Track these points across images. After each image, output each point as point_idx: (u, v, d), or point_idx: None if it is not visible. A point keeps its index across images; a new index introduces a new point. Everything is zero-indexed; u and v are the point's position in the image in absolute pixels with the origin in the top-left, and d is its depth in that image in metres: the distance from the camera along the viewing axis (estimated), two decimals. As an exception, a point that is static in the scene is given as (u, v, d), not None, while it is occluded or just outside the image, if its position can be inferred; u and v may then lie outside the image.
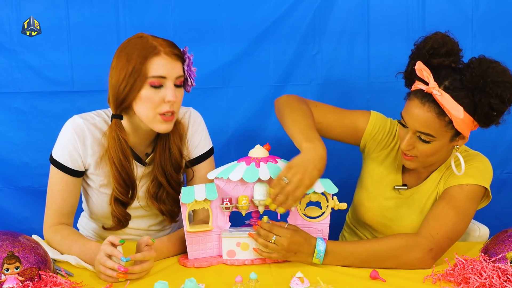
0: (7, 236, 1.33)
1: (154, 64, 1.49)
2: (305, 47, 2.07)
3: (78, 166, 1.59)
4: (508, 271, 1.32)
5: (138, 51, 1.49)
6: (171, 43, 1.55)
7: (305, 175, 1.41)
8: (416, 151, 1.51)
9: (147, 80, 1.49)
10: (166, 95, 1.50)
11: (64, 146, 1.57)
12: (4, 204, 2.10)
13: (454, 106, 1.41)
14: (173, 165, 1.64)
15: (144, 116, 1.53)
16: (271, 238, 1.45)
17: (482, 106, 1.41)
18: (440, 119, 1.44)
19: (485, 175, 1.54)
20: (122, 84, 1.50)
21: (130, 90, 1.50)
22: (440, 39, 1.46)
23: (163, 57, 1.50)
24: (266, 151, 1.56)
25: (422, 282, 1.38)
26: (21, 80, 2.03)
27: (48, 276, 1.32)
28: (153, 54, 1.49)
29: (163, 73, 1.49)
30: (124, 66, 1.50)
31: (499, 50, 2.07)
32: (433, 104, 1.43)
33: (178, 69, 1.53)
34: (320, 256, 1.45)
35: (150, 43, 1.51)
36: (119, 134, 1.56)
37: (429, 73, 1.44)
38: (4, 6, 1.99)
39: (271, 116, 2.10)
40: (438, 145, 1.48)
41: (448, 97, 1.41)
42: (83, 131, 1.57)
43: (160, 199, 1.65)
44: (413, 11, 2.05)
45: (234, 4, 2.03)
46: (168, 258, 1.54)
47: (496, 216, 2.13)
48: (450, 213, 1.48)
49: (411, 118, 1.47)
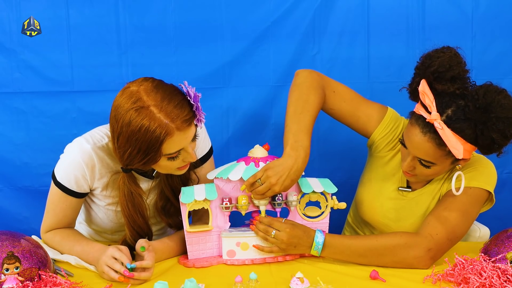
0: (7, 236, 1.33)
1: (169, 144, 1.39)
2: (305, 47, 2.06)
3: (84, 190, 1.54)
4: (508, 271, 1.31)
5: (149, 133, 1.35)
6: (180, 105, 1.39)
7: (278, 181, 1.44)
8: (416, 171, 1.50)
9: (164, 156, 1.42)
10: (185, 158, 1.45)
11: (70, 173, 1.50)
12: (4, 204, 2.10)
13: (454, 143, 1.38)
14: (181, 178, 1.59)
15: (161, 171, 1.49)
16: (271, 233, 1.46)
17: (484, 139, 1.39)
18: (440, 149, 1.42)
19: (489, 179, 1.53)
20: (135, 158, 1.40)
21: (145, 163, 1.41)
22: (446, 61, 1.39)
23: (177, 134, 1.38)
24: (266, 151, 1.56)
25: (422, 282, 1.38)
26: (21, 80, 2.03)
27: (48, 276, 1.32)
28: (167, 136, 1.37)
29: (179, 148, 1.41)
30: (135, 143, 1.37)
31: (499, 50, 2.07)
32: (434, 135, 1.40)
33: (192, 131, 1.43)
34: (318, 248, 1.46)
35: (159, 122, 1.36)
36: (132, 191, 1.50)
37: (431, 100, 1.40)
38: (4, 6, 1.99)
39: (271, 116, 2.10)
40: (439, 169, 1.48)
41: (449, 132, 1.38)
42: (92, 159, 1.50)
43: (168, 213, 1.62)
44: (413, 11, 2.05)
45: (234, 4, 2.03)
46: (168, 258, 1.54)
47: (496, 216, 2.12)
48: (452, 214, 1.48)
49: (411, 145, 1.46)
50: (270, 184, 1.44)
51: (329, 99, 1.62)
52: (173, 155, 1.42)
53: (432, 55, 1.43)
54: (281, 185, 1.45)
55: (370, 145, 1.70)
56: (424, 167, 1.47)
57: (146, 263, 1.38)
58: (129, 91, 1.40)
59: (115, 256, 1.38)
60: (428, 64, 1.42)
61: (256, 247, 1.49)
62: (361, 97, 1.67)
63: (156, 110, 1.36)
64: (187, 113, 1.40)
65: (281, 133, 2.10)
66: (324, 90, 1.61)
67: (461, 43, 2.07)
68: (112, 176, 1.54)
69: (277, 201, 1.52)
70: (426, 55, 1.45)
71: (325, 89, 1.61)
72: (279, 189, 1.45)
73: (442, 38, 2.06)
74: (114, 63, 2.02)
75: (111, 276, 1.36)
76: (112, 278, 1.36)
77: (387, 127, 1.64)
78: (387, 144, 1.65)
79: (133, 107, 1.37)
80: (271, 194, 1.48)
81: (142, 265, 1.38)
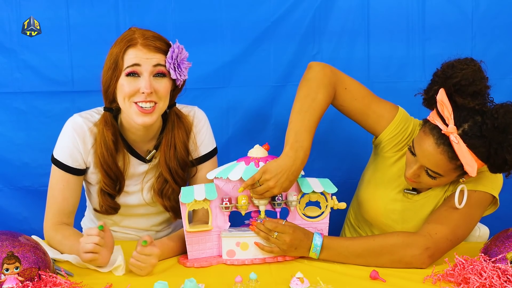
0: (7, 236, 1.33)
1: (129, 55, 1.51)
2: (305, 47, 2.06)
3: (79, 165, 1.60)
4: (508, 271, 1.31)
5: (119, 43, 1.53)
6: (154, 36, 1.55)
7: (277, 183, 1.45)
8: (420, 179, 1.49)
9: (124, 71, 1.51)
10: (140, 85, 1.51)
11: (64, 145, 1.58)
12: (4, 204, 2.10)
13: (469, 160, 1.36)
14: (179, 161, 1.63)
15: (121, 106, 1.55)
16: (273, 234, 1.47)
17: (497, 158, 1.36)
18: (451, 163, 1.40)
19: (494, 183, 1.52)
20: (106, 74, 1.53)
21: (111, 79, 1.53)
22: (470, 75, 1.36)
23: (138, 48, 1.51)
24: (265, 151, 1.56)
25: (422, 282, 1.38)
26: (21, 80, 2.03)
27: (48, 276, 1.32)
28: (130, 45, 1.51)
29: (136, 61, 1.50)
30: (108, 57, 1.54)
31: (499, 50, 2.07)
32: (448, 148, 1.38)
33: (156, 59, 1.53)
34: (316, 250, 1.47)
35: (131, 35, 1.53)
36: (103, 128, 1.58)
37: (450, 113, 1.37)
38: (4, 6, 1.99)
39: (271, 116, 2.10)
40: (444, 181, 1.47)
41: (465, 148, 1.35)
42: (83, 129, 1.58)
43: (166, 195, 1.65)
44: (413, 11, 2.05)
45: (234, 4, 2.03)
46: (168, 258, 1.54)
47: (496, 216, 2.12)
48: (453, 215, 1.47)
49: (422, 154, 1.43)
50: (268, 187, 1.45)
51: (340, 96, 1.59)
52: (129, 69, 1.50)
53: (455, 66, 1.39)
54: (280, 187, 1.46)
55: (377, 144, 1.66)
56: (429, 177, 1.46)
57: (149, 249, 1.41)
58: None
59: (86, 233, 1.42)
60: (450, 75, 1.38)
61: (257, 244, 1.50)
62: (373, 95, 1.64)
63: (138, 31, 1.54)
64: (159, 44, 1.54)
65: (281, 133, 2.10)
66: (335, 87, 1.58)
67: (461, 43, 2.09)
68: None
69: (277, 201, 1.53)
70: (448, 64, 1.41)
71: (336, 86, 1.58)
72: (277, 191, 1.46)
73: (442, 38, 2.07)
74: (114, 63, 2.02)
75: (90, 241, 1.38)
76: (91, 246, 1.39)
77: (397, 128, 1.60)
78: (395, 145, 1.62)
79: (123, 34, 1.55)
80: (270, 195, 1.49)
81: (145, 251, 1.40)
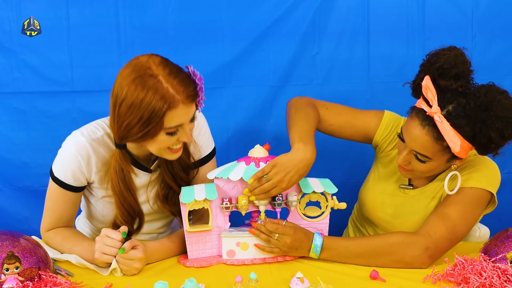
0: (7, 236, 1.33)
1: (171, 117, 1.39)
2: (305, 47, 2.06)
3: (81, 183, 1.55)
4: (508, 271, 1.32)
5: (154, 101, 1.36)
6: (186, 81, 1.42)
7: (285, 178, 1.44)
8: (412, 167, 1.51)
9: (164, 130, 1.41)
10: (181, 137, 1.46)
11: (67, 167, 1.52)
12: (4, 204, 2.10)
13: (452, 137, 1.40)
14: (181, 165, 1.60)
15: (152, 149, 1.48)
16: (274, 235, 1.46)
17: (482, 137, 1.40)
18: (437, 143, 1.44)
19: (492, 180, 1.53)
20: (134, 128, 1.40)
21: (143, 136, 1.41)
22: (452, 59, 1.42)
23: (180, 107, 1.39)
24: (266, 151, 1.56)
25: (422, 282, 1.38)
26: (21, 80, 2.03)
27: (48, 276, 1.32)
28: (171, 107, 1.38)
29: (180, 122, 1.42)
30: (138, 111, 1.37)
31: (499, 50, 2.07)
32: (433, 128, 1.42)
33: (193, 109, 1.45)
34: (316, 251, 1.47)
35: (166, 92, 1.37)
36: (123, 168, 1.51)
37: (434, 95, 1.42)
38: (4, 6, 1.99)
39: (271, 116, 2.10)
40: (434, 165, 1.49)
41: (448, 126, 1.40)
42: (87, 151, 1.51)
43: (171, 201, 1.63)
44: (413, 11, 2.05)
45: (234, 4, 2.03)
46: (168, 258, 1.54)
47: (496, 216, 2.12)
48: (452, 214, 1.48)
49: (409, 137, 1.47)
50: (277, 181, 1.44)
51: (325, 116, 1.67)
52: (172, 130, 1.42)
53: (438, 53, 1.45)
54: (288, 182, 1.45)
55: (375, 147, 1.72)
56: (419, 162, 1.48)
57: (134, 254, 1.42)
58: (137, 61, 1.42)
59: (108, 234, 1.43)
60: (433, 61, 1.44)
61: (258, 246, 1.49)
62: (355, 109, 1.72)
63: (164, 80, 1.37)
64: (192, 89, 1.42)
65: (281, 133, 2.11)
66: (317, 109, 1.66)
67: (461, 43, 2.06)
68: (108, 169, 1.55)
69: (277, 201, 1.52)
70: (432, 53, 1.47)
71: (318, 108, 1.67)
72: (285, 186, 1.45)
73: (442, 38, 2.06)
74: (114, 63, 2.01)
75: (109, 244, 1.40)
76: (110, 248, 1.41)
77: (387, 127, 1.67)
78: (389, 143, 1.67)
79: (140, 75, 1.38)
80: (276, 193, 1.47)
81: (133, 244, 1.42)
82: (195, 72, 1.45)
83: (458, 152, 1.43)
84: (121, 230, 1.45)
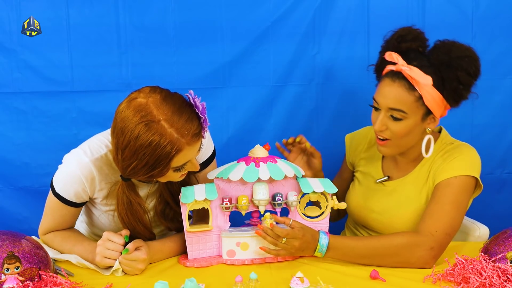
0: (7, 236, 1.33)
1: (179, 158, 1.37)
2: (305, 47, 2.06)
3: (83, 200, 1.53)
4: (508, 271, 1.32)
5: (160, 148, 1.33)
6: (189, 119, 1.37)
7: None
8: (389, 133, 1.55)
9: (171, 169, 1.40)
10: (188, 168, 1.44)
11: (69, 186, 1.49)
12: (4, 204, 2.10)
13: (422, 76, 1.47)
14: (180, 183, 1.56)
15: (161, 180, 1.47)
16: (282, 240, 1.45)
17: (450, 81, 1.48)
18: (410, 94, 1.49)
19: (473, 165, 1.55)
20: (140, 171, 1.37)
21: (149, 176, 1.39)
22: (406, 28, 1.56)
23: (187, 149, 1.37)
24: (266, 151, 1.56)
25: (422, 282, 1.38)
26: (21, 80, 2.03)
27: (48, 276, 1.32)
28: (178, 152, 1.35)
29: (187, 160, 1.40)
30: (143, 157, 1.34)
31: (499, 50, 2.07)
32: (403, 81, 1.50)
33: (199, 143, 1.42)
34: (322, 251, 1.47)
35: (171, 137, 1.33)
36: (131, 200, 1.47)
37: (398, 56, 1.52)
38: (4, 6, 1.99)
39: (271, 116, 2.10)
40: (410, 124, 1.52)
41: (416, 69, 1.48)
42: (91, 172, 1.47)
43: (168, 217, 1.60)
44: (413, 11, 2.05)
45: (234, 4, 2.02)
46: (168, 258, 1.54)
47: (496, 216, 2.12)
48: (445, 208, 1.49)
49: (382, 96, 1.53)
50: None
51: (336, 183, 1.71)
52: (179, 167, 1.41)
53: (392, 32, 1.59)
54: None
55: (352, 168, 1.84)
56: (396, 123, 1.52)
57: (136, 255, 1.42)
58: (136, 103, 1.35)
59: (110, 238, 1.43)
60: (390, 37, 1.58)
61: (263, 249, 1.48)
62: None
63: (167, 125, 1.33)
64: (196, 127, 1.37)
65: (281, 133, 2.11)
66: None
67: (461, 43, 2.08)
68: (112, 187, 1.53)
69: (277, 201, 1.52)
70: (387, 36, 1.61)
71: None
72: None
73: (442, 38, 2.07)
74: (114, 63, 2.02)
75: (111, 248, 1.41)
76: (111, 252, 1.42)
77: (351, 148, 1.82)
78: (359, 152, 1.79)
79: (142, 121, 1.32)
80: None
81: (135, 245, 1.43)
82: (196, 103, 1.40)
83: (431, 102, 1.49)
84: (123, 233, 1.44)
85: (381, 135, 1.56)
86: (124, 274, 1.44)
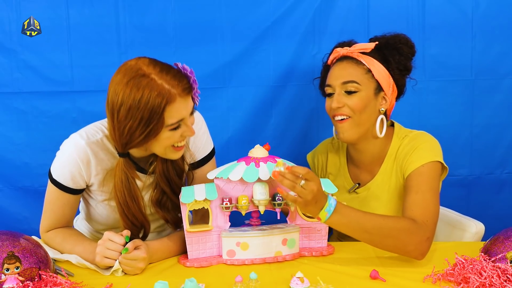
0: (7, 236, 1.33)
1: (170, 112, 1.40)
2: (305, 47, 2.07)
3: (80, 186, 1.55)
4: (508, 271, 1.32)
5: (152, 99, 1.37)
6: (178, 75, 1.43)
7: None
8: (347, 109, 1.62)
9: (166, 127, 1.42)
10: (184, 132, 1.46)
11: (66, 170, 1.52)
12: (4, 204, 2.10)
13: (365, 44, 1.65)
14: (176, 171, 1.59)
15: (157, 150, 1.48)
16: (300, 182, 1.36)
17: (392, 55, 1.64)
18: (359, 66, 1.63)
19: (434, 151, 1.60)
20: (136, 131, 1.40)
21: (146, 137, 1.42)
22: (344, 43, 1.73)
23: (178, 101, 1.41)
24: (266, 151, 1.56)
25: (422, 282, 1.38)
26: (21, 80, 2.03)
27: (48, 276, 1.32)
28: (169, 102, 1.39)
29: (181, 117, 1.43)
30: (137, 112, 1.38)
31: (499, 50, 2.07)
32: (350, 59, 1.64)
33: (191, 102, 1.46)
34: (329, 210, 1.39)
35: (161, 88, 1.38)
36: (128, 176, 1.49)
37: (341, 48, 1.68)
38: (4, 6, 1.99)
39: (271, 116, 2.11)
40: (364, 97, 1.61)
41: (358, 44, 1.66)
42: (87, 154, 1.51)
43: (164, 206, 1.61)
44: (413, 11, 2.06)
45: (234, 4, 2.03)
46: (168, 258, 1.54)
47: (496, 216, 2.13)
48: (426, 196, 1.52)
49: (334, 77, 1.65)
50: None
51: None
52: (174, 125, 1.43)
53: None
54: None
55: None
56: (351, 98, 1.61)
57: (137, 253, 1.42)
58: (126, 65, 1.44)
59: (110, 238, 1.43)
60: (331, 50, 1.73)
61: (281, 192, 1.38)
62: None
63: (157, 77, 1.39)
64: (186, 82, 1.44)
65: (281, 133, 2.11)
66: None
67: (461, 43, 2.09)
68: (107, 172, 1.54)
69: (277, 201, 1.52)
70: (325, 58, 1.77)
71: None
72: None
73: (442, 38, 2.08)
74: (114, 63, 2.00)
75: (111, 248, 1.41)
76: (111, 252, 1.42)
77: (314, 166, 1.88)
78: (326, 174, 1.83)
79: (134, 77, 1.39)
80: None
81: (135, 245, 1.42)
82: (185, 67, 1.47)
83: (379, 76, 1.62)
84: (124, 234, 1.45)
85: (340, 112, 1.62)
86: (124, 274, 1.44)
